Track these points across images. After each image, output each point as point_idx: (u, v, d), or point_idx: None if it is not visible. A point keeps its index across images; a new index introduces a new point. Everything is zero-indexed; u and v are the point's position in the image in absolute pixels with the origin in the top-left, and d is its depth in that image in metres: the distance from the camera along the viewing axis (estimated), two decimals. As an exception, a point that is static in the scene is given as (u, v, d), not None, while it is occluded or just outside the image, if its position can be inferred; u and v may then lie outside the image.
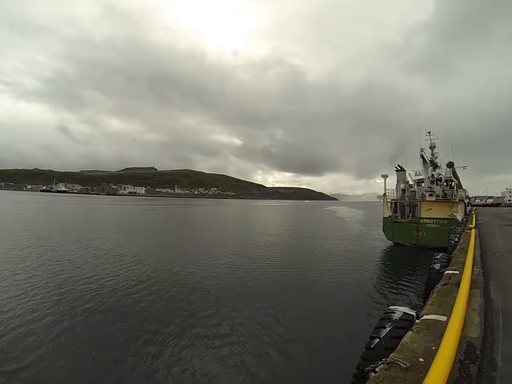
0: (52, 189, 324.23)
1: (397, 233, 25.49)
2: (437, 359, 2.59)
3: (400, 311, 3.89)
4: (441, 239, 21.70)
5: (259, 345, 7.82)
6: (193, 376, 6.51)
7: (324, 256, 19.86)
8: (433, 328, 3.63)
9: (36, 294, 10.88)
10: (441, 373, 2.40)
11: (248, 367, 6.87)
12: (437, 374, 2.39)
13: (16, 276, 12.94)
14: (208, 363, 6.96)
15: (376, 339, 3.56)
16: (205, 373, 6.57)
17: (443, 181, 27.15)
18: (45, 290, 11.33)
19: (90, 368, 6.72)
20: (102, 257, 17.04)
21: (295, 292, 12.35)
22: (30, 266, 14.46)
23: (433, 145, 29.78)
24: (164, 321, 9.08)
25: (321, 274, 15.22)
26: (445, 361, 2.54)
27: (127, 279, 13.16)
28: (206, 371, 6.65)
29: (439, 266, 7.52)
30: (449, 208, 23.88)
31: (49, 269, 14.16)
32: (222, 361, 7.07)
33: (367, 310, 10.49)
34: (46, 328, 8.33)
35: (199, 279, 13.53)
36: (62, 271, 14.00)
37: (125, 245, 21.72)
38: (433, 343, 3.24)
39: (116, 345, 7.63)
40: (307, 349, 7.76)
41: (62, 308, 9.79)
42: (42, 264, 15.06)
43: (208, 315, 9.55)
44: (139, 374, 6.53)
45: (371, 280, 14.66)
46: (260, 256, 19.17)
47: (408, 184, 28.96)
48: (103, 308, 9.93)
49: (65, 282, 12.40)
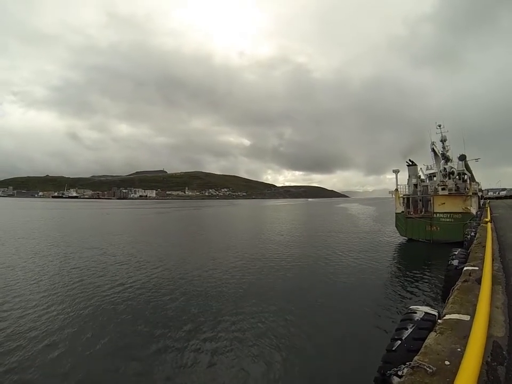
0: (63, 195, 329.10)
1: (410, 229, 25.12)
2: (464, 362, 2.49)
3: (421, 311, 3.77)
4: (456, 233, 21.40)
5: (274, 346, 7.75)
6: (213, 373, 6.53)
7: (338, 254, 19.69)
8: (457, 328, 3.51)
9: (61, 300, 11.00)
10: (469, 377, 2.31)
11: (262, 368, 6.81)
12: (466, 378, 2.29)
13: (40, 280, 13.13)
14: (221, 363, 6.94)
15: (398, 341, 3.45)
16: (223, 372, 6.57)
17: (455, 175, 26.68)
18: (70, 295, 11.47)
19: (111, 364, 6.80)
20: (123, 262, 17.19)
21: (309, 290, 12.22)
22: (51, 273, 14.64)
23: (444, 139, 29.29)
24: (184, 319, 9.16)
25: (335, 272, 15.09)
26: (473, 364, 2.44)
27: (146, 281, 13.28)
28: (223, 370, 6.64)
29: (457, 262, 7.33)
30: (463, 201, 23.42)
31: (71, 274, 14.31)
32: (235, 361, 7.04)
33: (385, 309, 10.27)
34: (69, 333, 8.41)
35: (221, 280, 13.60)
36: (83, 275, 14.17)
37: (143, 248, 21.95)
38: (458, 344, 3.13)
39: (144, 346, 7.68)
40: (324, 350, 7.61)
41: (81, 307, 9.92)
42: (62, 270, 15.24)
43: (222, 315, 9.54)
44: (160, 374, 6.56)
45: (387, 277, 14.47)
46: (274, 255, 19.10)
47: (420, 179, 28.52)
48: (126, 309, 10.04)
49: (87, 285, 12.61)
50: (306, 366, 6.94)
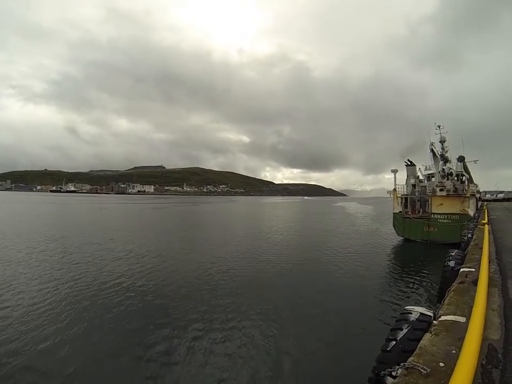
0: (61, 189, 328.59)
1: (408, 229, 25.15)
2: (459, 364, 2.47)
3: (417, 312, 3.74)
4: (453, 234, 21.43)
5: (267, 345, 7.72)
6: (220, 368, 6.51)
7: (334, 252, 19.69)
8: (453, 329, 3.49)
9: (63, 294, 10.97)
10: (464, 379, 2.28)
11: (255, 365, 6.80)
12: (460, 380, 2.27)
13: (41, 275, 13.09)
14: (218, 361, 6.92)
15: (392, 341, 3.42)
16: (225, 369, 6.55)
17: (454, 176, 26.71)
18: (69, 291, 11.38)
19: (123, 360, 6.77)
20: (123, 256, 17.14)
21: (304, 288, 12.21)
22: (50, 268, 14.52)
23: (444, 139, 29.33)
24: (185, 315, 9.11)
25: (331, 271, 15.08)
26: (468, 366, 2.42)
27: (147, 276, 13.28)
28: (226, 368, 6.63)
29: (454, 263, 7.31)
30: (461, 203, 23.43)
31: (69, 269, 14.24)
32: (227, 359, 7.01)
33: (380, 309, 10.25)
34: (69, 330, 8.36)
35: (220, 275, 13.70)
36: (81, 270, 14.05)
37: (142, 243, 21.94)
38: (453, 346, 3.10)
39: (149, 339, 7.67)
40: (318, 350, 7.57)
41: (77, 302, 9.85)
42: (62, 264, 15.14)
43: (219, 312, 9.52)
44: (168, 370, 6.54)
45: (383, 277, 14.45)
46: (271, 253, 19.04)
47: (418, 179, 28.53)
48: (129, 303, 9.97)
49: (84, 280, 12.52)
50: (299, 366, 6.90)
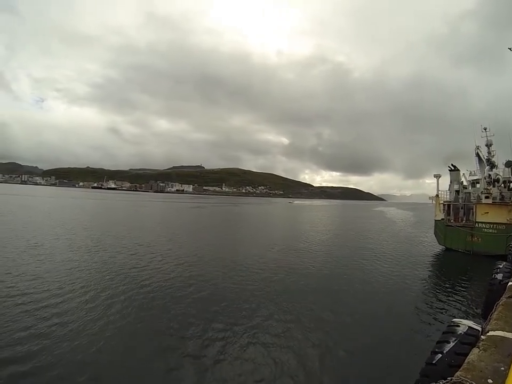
0: (102, 186, 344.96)
1: (450, 238, 23.98)
2: (508, 381, 2.49)
3: (465, 325, 3.72)
4: (499, 246, 20.20)
5: (307, 347, 7.80)
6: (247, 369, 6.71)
7: (373, 258, 19.54)
8: (501, 346, 3.46)
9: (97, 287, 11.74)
10: (514, 397, 2.31)
11: (294, 368, 6.87)
12: (511, 398, 2.30)
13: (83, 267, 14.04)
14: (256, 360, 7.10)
15: (438, 354, 3.45)
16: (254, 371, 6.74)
17: (501, 182, 25.04)
18: (107, 285, 12.10)
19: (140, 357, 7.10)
20: (163, 255, 17.90)
21: (343, 294, 12.15)
22: (90, 261, 15.58)
23: (490, 143, 27.53)
24: (217, 315, 9.40)
25: (371, 276, 14.99)
26: (518, 385, 2.43)
27: (182, 276, 13.77)
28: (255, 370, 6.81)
29: (502, 276, 7.05)
30: (508, 212, 21.99)
31: (110, 265, 15.02)
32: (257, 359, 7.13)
33: (421, 319, 9.96)
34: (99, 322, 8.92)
35: (258, 276, 14.16)
36: (121, 265, 14.93)
37: (185, 241, 23.19)
38: (502, 362, 3.09)
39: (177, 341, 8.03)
40: (357, 359, 7.45)
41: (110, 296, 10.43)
42: (102, 259, 16.18)
43: (253, 313, 9.72)
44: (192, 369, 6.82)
45: (423, 286, 14.03)
46: (308, 257, 19.23)
47: (462, 185, 27.18)
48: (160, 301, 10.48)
49: (121, 276, 13.21)
50: (338, 374, 6.86)
